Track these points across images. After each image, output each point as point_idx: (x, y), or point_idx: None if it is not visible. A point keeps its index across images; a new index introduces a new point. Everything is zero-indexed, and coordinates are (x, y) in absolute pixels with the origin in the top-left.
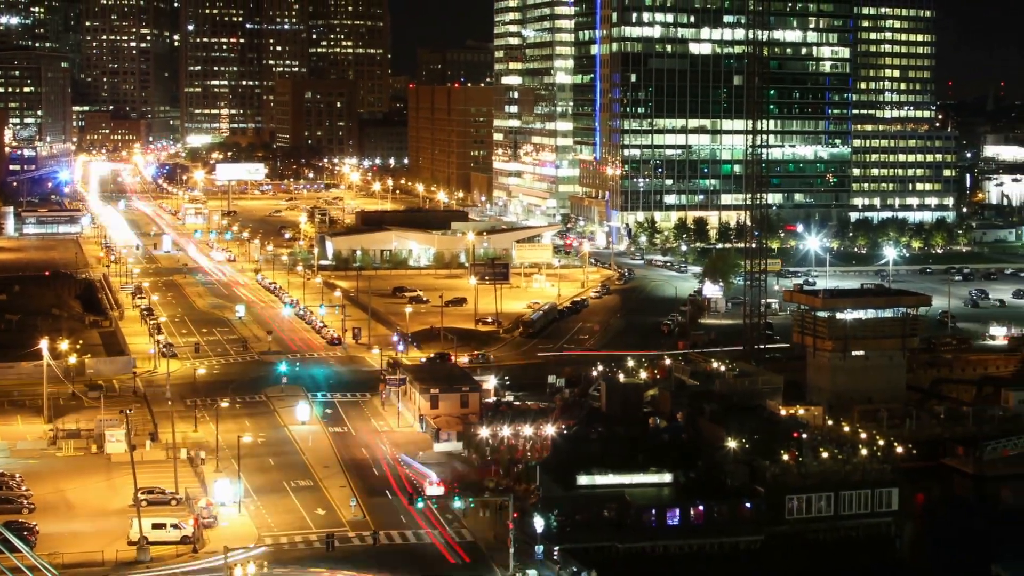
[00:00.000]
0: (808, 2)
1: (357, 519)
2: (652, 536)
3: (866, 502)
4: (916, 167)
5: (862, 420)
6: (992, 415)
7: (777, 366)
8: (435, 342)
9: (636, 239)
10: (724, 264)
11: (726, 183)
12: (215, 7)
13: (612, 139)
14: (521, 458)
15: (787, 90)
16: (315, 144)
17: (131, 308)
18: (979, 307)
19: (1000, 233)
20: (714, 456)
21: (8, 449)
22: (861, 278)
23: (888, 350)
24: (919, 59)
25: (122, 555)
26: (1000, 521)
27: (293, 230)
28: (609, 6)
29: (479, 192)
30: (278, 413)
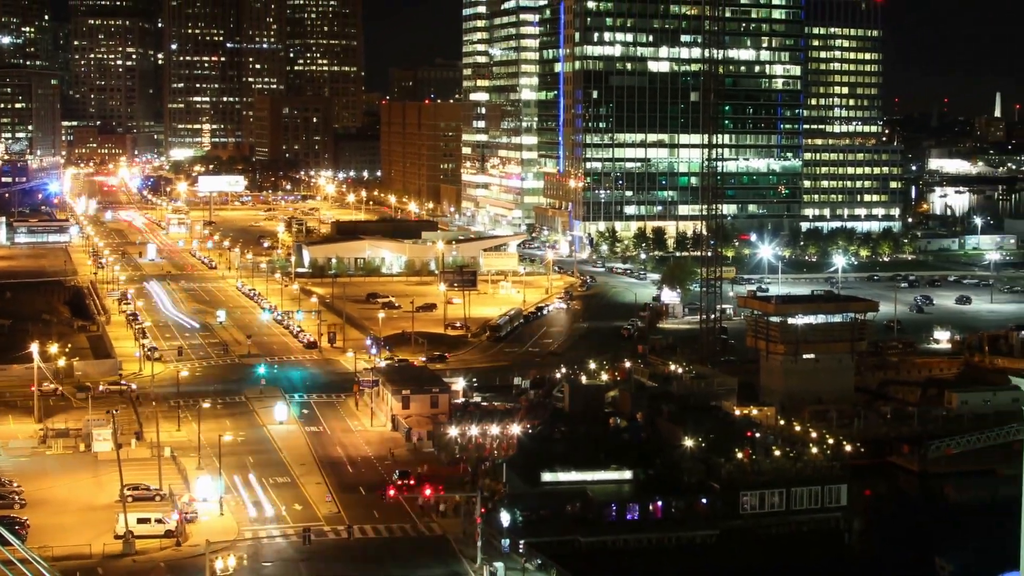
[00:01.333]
0: (761, 22)
1: (332, 514)
2: (613, 531)
3: (816, 498)
4: (864, 179)
5: (812, 420)
6: (936, 415)
7: (731, 368)
8: (406, 346)
9: (598, 248)
10: (681, 271)
11: (683, 194)
12: (197, 27)
13: (575, 153)
14: (488, 456)
15: (741, 106)
16: (292, 157)
17: (117, 313)
18: (924, 312)
19: (944, 242)
20: (672, 454)
21: (1, 449)
22: (812, 285)
23: (837, 353)
24: (867, 77)
25: (109, 548)
26: (944, 516)
27: (271, 239)
28: (572, 26)
29: (448, 203)
30: (257, 413)
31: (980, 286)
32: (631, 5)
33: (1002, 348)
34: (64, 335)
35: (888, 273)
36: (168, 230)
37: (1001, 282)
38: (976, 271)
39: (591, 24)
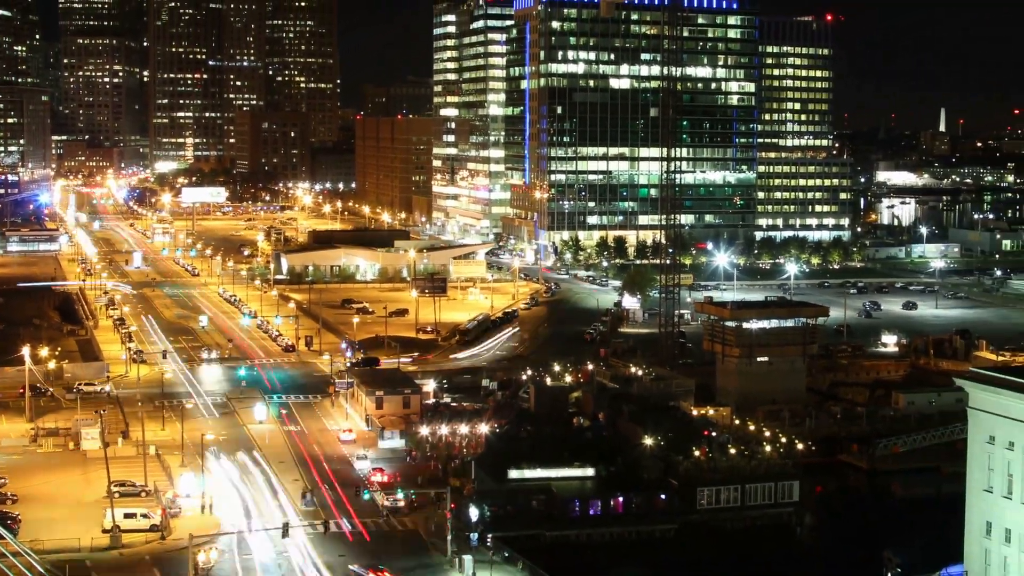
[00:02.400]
0: (717, 41)
1: (309, 509)
2: (576, 525)
3: (770, 494)
4: (815, 191)
5: (766, 419)
6: (884, 415)
7: (689, 371)
8: (380, 349)
9: (562, 256)
10: (641, 278)
11: (643, 205)
12: (181, 46)
13: (540, 165)
14: (458, 454)
15: (698, 121)
16: (271, 170)
17: (105, 318)
18: (872, 317)
19: (891, 251)
20: (632, 452)
21: None
22: (765, 291)
23: (790, 356)
24: (818, 93)
25: (97, 542)
26: (891, 512)
27: (251, 248)
28: (537, 45)
29: (420, 213)
30: (238, 413)
31: (925, 292)
32: (593, 25)
33: (946, 351)
34: (54, 339)
35: (838, 280)
36: (153, 239)
37: (945, 289)
38: (922, 278)
39: (555, 43)
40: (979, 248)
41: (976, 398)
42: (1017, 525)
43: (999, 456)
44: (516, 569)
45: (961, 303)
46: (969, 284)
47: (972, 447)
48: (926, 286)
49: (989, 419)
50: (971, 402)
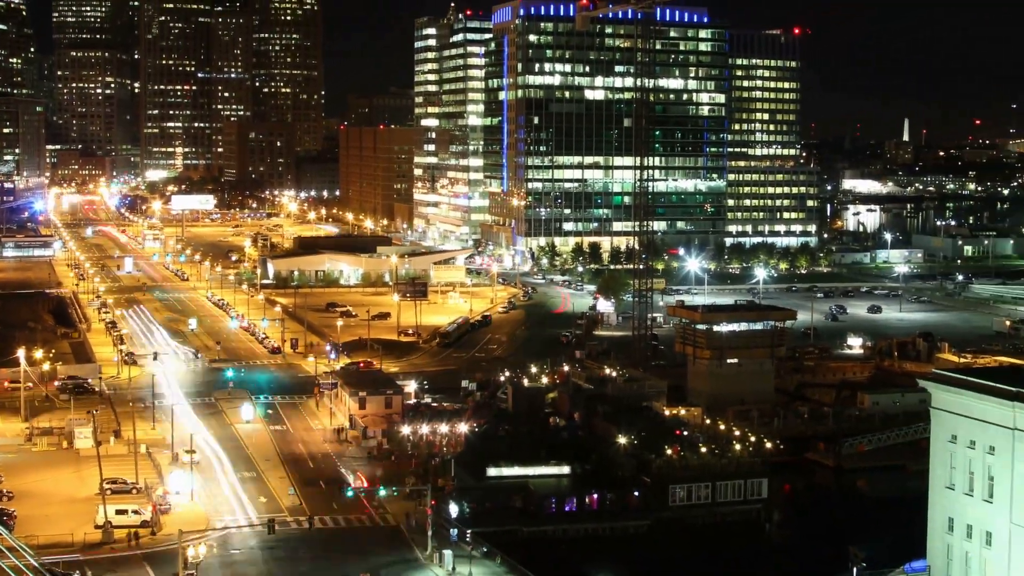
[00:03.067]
0: (688, 54)
1: (295, 506)
2: (552, 521)
3: (739, 491)
4: (783, 198)
5: (736, 419)
6: (850, 415)
7: (661, 372)
8: (363, 351)
9: (538, 261)
10: (615, 283)
11: (617, 212)
12: (171, 58)
13: (517, 174)
14: (438, 453)
15: (670, 131)
16: (258, 178)
17: (97, 321)
18: (838, 320)
19: (856, 256)
20: (606, 451)
21: None
22: (735, 295)
23: (758, 358)
24: (785, 104)
25: (89, 537)
26: (857, 509)
27: (239, 253)
28: (515, 57)
29: (401, 220)
30: (225, 413)
31: (890, 296)
32: (568, 38)
33: (910, 353)
34: (48, 341)
35: (805, 284)
36: (144, 245)
37: (909, 293)
38: (886, 283)
39: (532, 56)
40: (941, 253)
41: (939, 398)
42: (978, 521)
43: (961, 455)
44: (494, 564)
45: (924, 307)
46: (932, 288)
47: (935, 446)
48: (890, 290)
49: (951, 419)
50: (934, 402)
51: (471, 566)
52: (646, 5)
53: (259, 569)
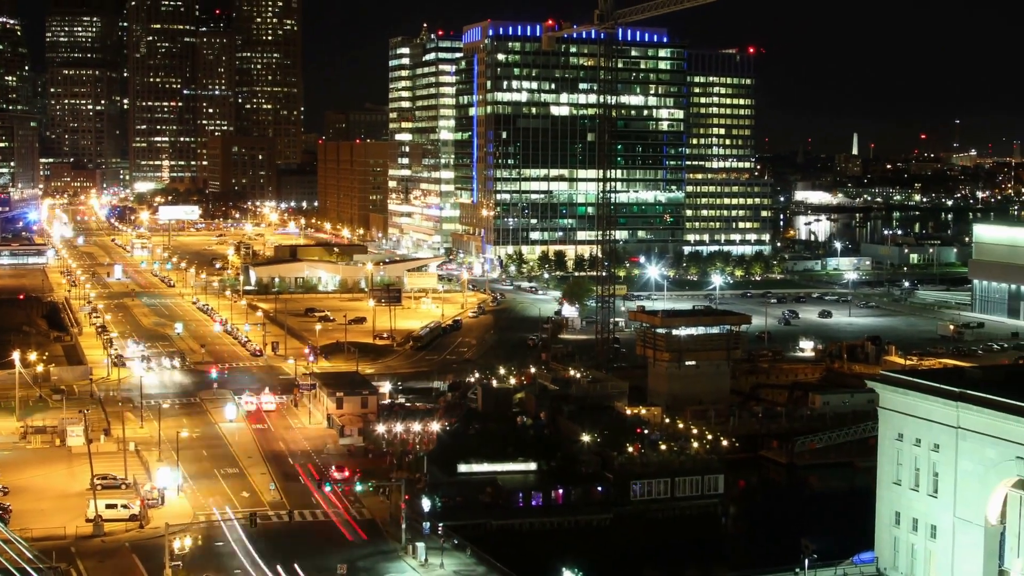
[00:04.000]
0: (649, 72)
1: (275, 500)
2: (520, 515)
3: (697, 486)
4: (738, 209)
5: (694, 418)
6: (802, 414)
7: (623, 373)
8: (340, 354)
9: (506, 268)
10: (579, 289)
11: (581, 222)
12: (157, 76)
13: (487, 186)
14: (411, 450)
15: (632, 145)
16: (241, 189)
17: (88, 325)
18: (790, 325)
19: (808, 264)
20: (571, 448)
21: None
22: (693, 301)
23: (715, 360)
24: (741, 119)
25: (81, 530)
26: (808, 503)
27: (222, 261)
28: (484, 75)
29: (376, 229)
30: (210, 413)
31: (840, 302)
32: (535, 57)
33: (859, 356)
34: (42, 345)
35: (760, 291)
36: (132, 253)
37: (858, 298)
38: (836, 289)
39: (500, 74)
40: (888, 261)
41: (886, 399)
42: (923, 515)
43: (907, 452)
44: (465, 555)
45: (872, 312)
46: (879, 294)
47: (882, 444)
48: (840, 296)
49: (898, 418)
50: (881, 402)
51: (443, 557)
52: (608, 26)
53: (241, 560)
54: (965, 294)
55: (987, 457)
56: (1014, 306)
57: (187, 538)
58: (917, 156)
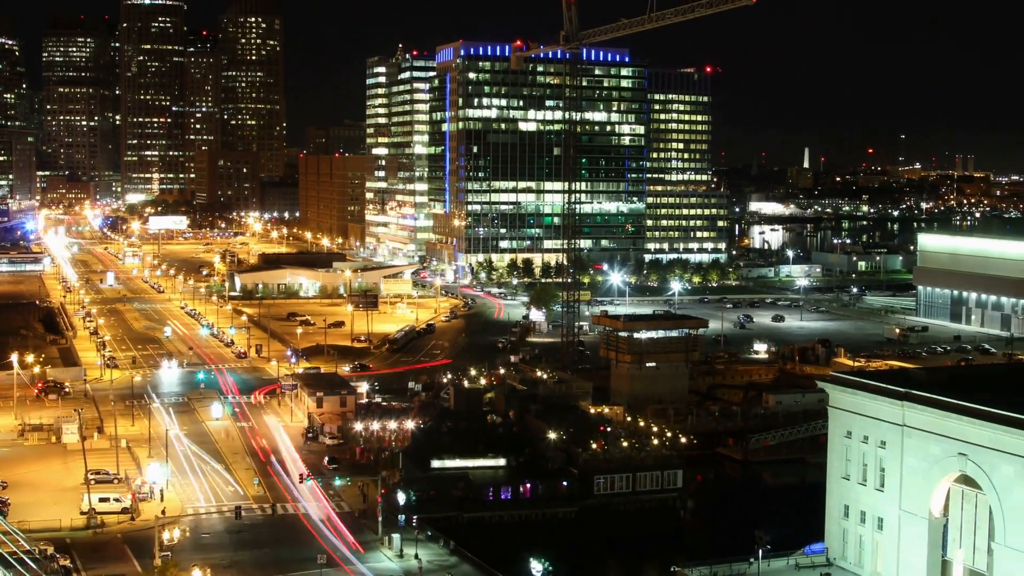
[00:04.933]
0: (611, 89)
1: (259, 494)
2: (490, 508)
3: (657, 481)
4: (696, 219)
5: (654, 417)
6: (756, 413)
7: (587, 374)
8: (320, 356)
9: (477, 275)
10: (546, 295)
11: (548, 231)
12: (148, 94)
13: (458, 197)
14: (387, 447)
15: (595, 159)
16: (226, 201)
17: (83, 329)
18: (745, 328)
19: (762, 271)
20: (538, 445)
21: None
22: (653, 306)
23: (674, 362)
24: (698, 135)
25: (75, 522)
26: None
27: (209, 268)
28: (456, 93)
29: (354, 238)
30: (197, 411)
31: (792, 307)
32: (504, 76)
33: (810, 358)
34: (39, 347)
35: (716, 296)
36: (124, 260)
37: (809, 303)
38: (789, 294)
39: (472, 91)
40: (838, 268)
41: (836, 398)
42: (871, 508)
43: (855, 448)
44: (438, 546)
45: (822, 316)
46: (829, 300)
47: (832, 441)
48: (792, 301)
49: (847, 416)
50: (831, 402)
51: (417, 548)
52: (573, 46)
53: (227, 551)
54: (910, 299)
55: (931, 454)
56: (956, 311)
57: (176, 530)
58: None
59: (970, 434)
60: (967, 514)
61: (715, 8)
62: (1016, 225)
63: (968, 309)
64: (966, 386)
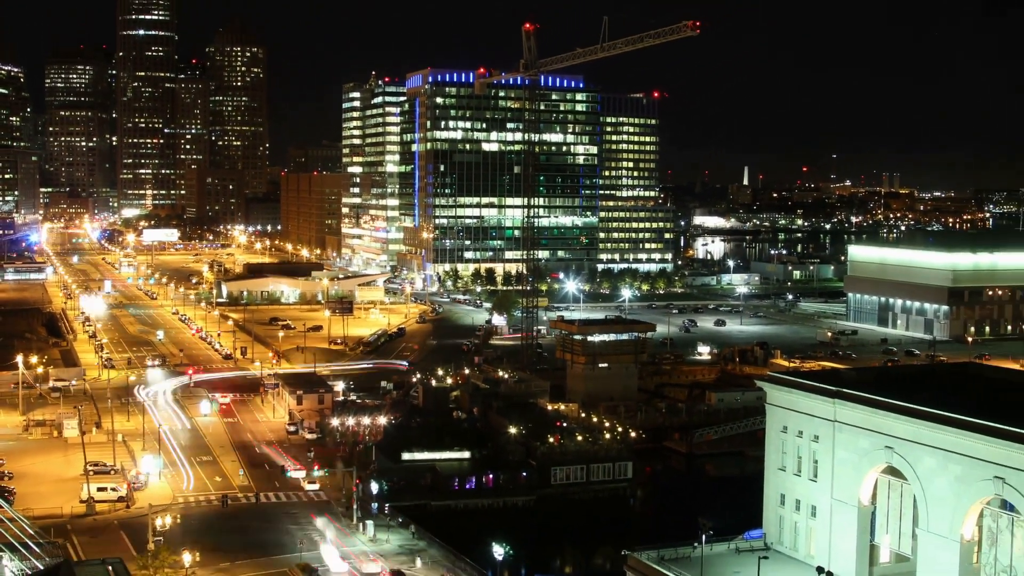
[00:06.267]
0: (567, 113)
1: (244, 484)
2: (455, 496)
3: (609, 472)
4: (645, 231)
5: (606, 413)
6: (700, 410)
7: (545, 374)
8: (300, 357)
9: (444, 283)
10: (507, 301)
11: (509, 243)
12: (142, 117)
13: (427, 212)
14: (362, 441)
15: (552, 176)
16: (214, 215)
17: (82, 332)
18: (690, 332)
19: (705, 279)
20: (500, 439)
21: None
22: (605, 311)
23: (625, 363)
24: (647, 154)
25: (75, 510)
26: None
27: (198, 277)
28: (425, 116)
29: (331, 249)
30: (187, 408)
31: (732, 312)
32: (469, 100)
33: (749, 359)
34: (42, 349)
35: (663, 303)
36: (120, 270)
37: (748, 309)
38: (729, 301)
39: (439, 115)
40: (775, 277)
41: (773, 396)
42: (805, 497)
43: (791, 442)
44: (408, 531)
45: (760, 321)
46: (767, 306)
47: (769, 435)
48: (733, 307)
49: (783, 413)
50: (769, 399)
51: (389, 533)
52: (532, 73)
53: (215, 536)
54: (841, 305)
55: (860, 447)
56: (883, 316)
57: (167, 517)
58: (800, 186)
59: (896, 429)
60: (893, 502)
61: (662, 39)
62: (938, 237)
63: (894, 314)
64: (892, 385)
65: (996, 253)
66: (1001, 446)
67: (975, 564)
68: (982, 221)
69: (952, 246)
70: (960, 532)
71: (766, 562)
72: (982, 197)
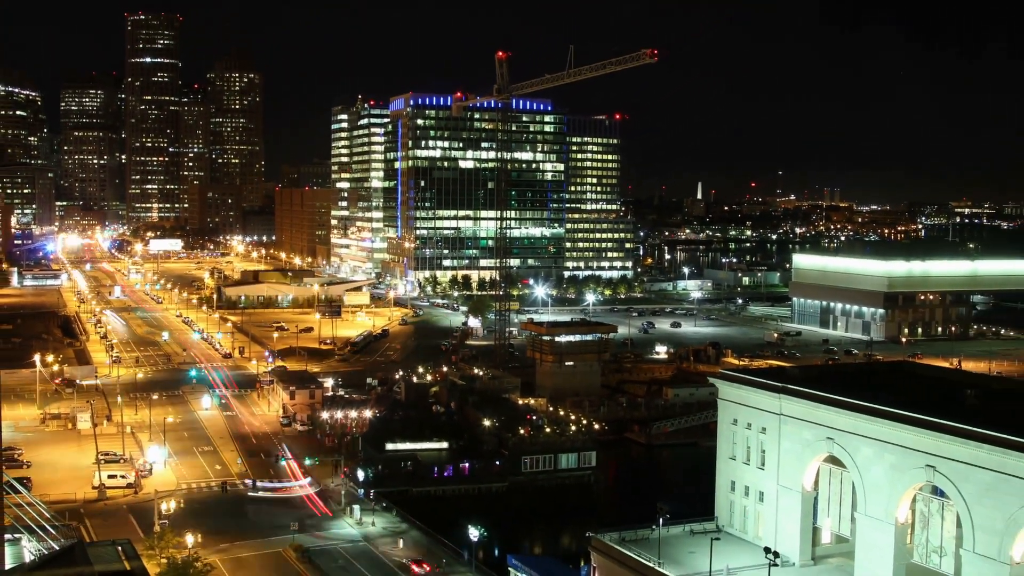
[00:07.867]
0: (536, 133)
1: (242, 472)
2: (435, 483)
3: (575, 461)
4: (607, 242)
5: (572, 407)
6: (657, 404)
7: (516, 372)
8: (292, 356)
9: (424, 289)
10: (482, 305)
11: (483, 252)
12: (148, 137)
13: (409, 223)
14: (349, 432)
15: (523, 191)
16: (214, 226)
17: (94, 333)
18: (648, 333)
19: (663, 284)
20: (475, 431)
21: (13, 427)
22: (571, 314)
23: (589, 361)
24: (609, 171)
25: (88, 496)
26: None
27: (200, 283)
28: (407, 136)
29: (322, 258)
30: (190, 402)
31: (687, 315)
32: (447, 122)
33: (703, 358)
34: (57, 349)
35: (624, 306)
36: (129, 276)
37: (702, 312)
38: (684, 305)
39: (419, 135)
40: (726, 283)
41: (724, 391)
42: (753, 484)
43: (740, 434)
44: (391, 515)
45: (713, 323)
46: (719, 309)
47: (721, 427)
48: (687, 310)
49: (733, 407)
50: (720, 394)
51: (374, 517)
52: (504, 97)
53: (215, 519)
54: (786, 309)
55: (804, 438)
56: (825, 318)
57: (172, 502)
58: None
59: (836, 421)
60: (834, 488)
61: (623, 65)
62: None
63: (835, 317)
64: (833, 381)
65: (928, 261)
66: (932, 437)
67: (908, 545)
68: (915, 232)
69: (887, 255)
70: (895, 516)
71: (718, 543)
72: (915, 210)
